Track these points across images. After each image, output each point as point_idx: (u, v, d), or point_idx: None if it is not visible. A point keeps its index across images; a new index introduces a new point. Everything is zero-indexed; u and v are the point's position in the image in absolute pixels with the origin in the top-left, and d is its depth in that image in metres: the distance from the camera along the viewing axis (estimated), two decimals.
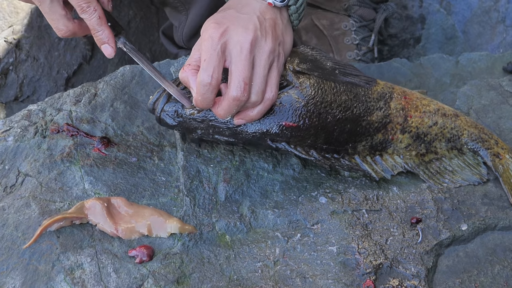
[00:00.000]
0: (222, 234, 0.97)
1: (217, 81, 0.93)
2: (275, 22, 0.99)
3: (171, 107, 1.02)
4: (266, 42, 0.96)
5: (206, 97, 0.94)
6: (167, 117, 1.02)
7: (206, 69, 0.92)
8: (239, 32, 0.94)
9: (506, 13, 1.67)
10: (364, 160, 1.05)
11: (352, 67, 1.07)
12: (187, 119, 1.01)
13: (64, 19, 1.02)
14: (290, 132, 1.01)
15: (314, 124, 1.01)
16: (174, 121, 1.02)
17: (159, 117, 1.02)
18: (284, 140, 1.02)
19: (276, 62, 0.98)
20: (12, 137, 1.08)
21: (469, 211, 1.01)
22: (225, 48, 0.93)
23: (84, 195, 1.01)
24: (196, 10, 1.33)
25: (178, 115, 1.01)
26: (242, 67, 0.93)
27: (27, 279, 0.91)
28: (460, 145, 1.08)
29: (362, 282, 0.92)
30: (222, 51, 0.93)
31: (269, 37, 0.96)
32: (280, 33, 0.99)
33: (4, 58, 1.66)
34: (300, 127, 1.01)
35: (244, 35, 0.94)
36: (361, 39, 1.58)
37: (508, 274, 0.95)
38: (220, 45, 0.93)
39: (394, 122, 1.06)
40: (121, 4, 1.74)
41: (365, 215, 1.00)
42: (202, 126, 1.01)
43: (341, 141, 1.04)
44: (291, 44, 1.03)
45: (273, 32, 0.97)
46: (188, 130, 1.03)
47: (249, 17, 0.96)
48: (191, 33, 1.38)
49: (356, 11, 1.58)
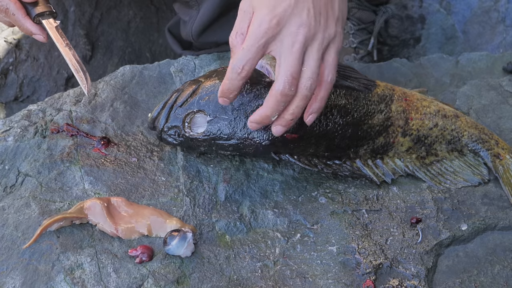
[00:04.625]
0: (222, 234, 0.97)
1: (247, 72, 0.89)
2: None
3: (170, 127, 1.01)
4: (321, 29, 0.89)
5: (233, 83, 0.90)
6: (168, 137, 1.02)
7: (241, 59, 0.88)
8: (292, 24, 0.88)
9: (506, 13, 1.67)
10: (365, 163, 1.05)
11: (353, 70, 1.06)
12: (188, 139, 1.01)
13: None
14: (292, 143, 1.00)
15: (315, 133, 1.01)
16: (176, 140, 1.02)
17: (161, 136, 1.03)
18: (287, 152, 1.01)
19: (334, 43, 0.91)
20: (12, 137, 1.08)
21: (469, 211, 1.01)
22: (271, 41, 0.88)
23: (84, 195, 1.01)
24: (207, 5, 1.32)
25: (179, 135, 1.01)
26: (292, 61, 0.88)
27: (27, 279, 0.91)
28: (461, 147, 1.08)
29: (362, 282, 0.92)
30: (265, 44, 0.88)
31: (325, 22, 0.90)
32: (336, 8, 0.91)
33: (4, 58, 1.66)
34: (302, 137, 1.00)
35: (297, 28, 0.88)
36: (359, 42, 1.58)
37: (508, 274, 0.95)
38: (267, 38, 0.88)
39: (395, 125, 1.05)
40: (121, 4, 1.74)
41: (365, 215, 1.00)
42: (205, 144, 1.01)
43: (342, 146, 1.03)
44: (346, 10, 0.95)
45: (328, 13, 0.90)
46: (191, 148, 1.03)
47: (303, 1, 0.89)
48: (202, 28, 1.36)
49: (355, 13, 1.58)
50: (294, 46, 0.87)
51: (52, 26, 1.05)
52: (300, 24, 0.88)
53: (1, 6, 1.03)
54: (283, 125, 0.91)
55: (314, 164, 1.02)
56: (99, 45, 1.73)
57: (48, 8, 1.05)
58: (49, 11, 1.05)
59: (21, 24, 1.04)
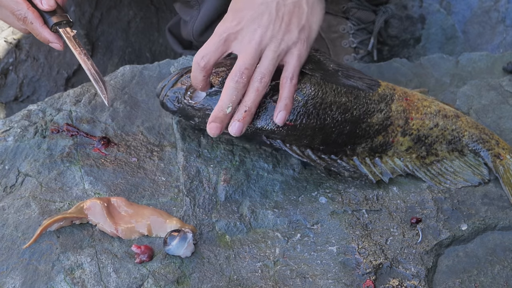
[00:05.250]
0: (222, 234, 0.97)
1: (207, 64, 0.95)
2: (299, 4, 0.97)
3: (173, 93, 1.04)
4: (280, 33, 0.95)
5: (195, 75, 0.97)
6: (168, 101, 1.04)
7: (201, 51, 0.96)
8: (251, 25, 0.95)
9: (506, 13, 1.67)
10: (363, 161, 1.05)
11: (356, 70, 1.07)
12: (186, 106, 1.03)
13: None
14: (286, 131, 1.01)
15: (312, 125, 1.01)
16: (175, 106, 1.04)
17: (162, 101, 1.05)
18: (280, 137, 1.02)
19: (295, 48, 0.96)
20: (12, 137, 1.08)
21: (469, 211, 1.01)
22: (232, 38, 0.95)
23: (84, 195, 1.01)
24: (208, 5, 1.32)
25: (178, 101, 1.03)
26: (247, 55, 0.94)
27: (27, 279, 0.91)
28: (461, 147, 1.08)
29: (362, 282, 0.92)
30: (226, 39, 0.95)
31: (286, 27, 0.96)
32: (302, 18, 0.97)
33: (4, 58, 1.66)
34: (297, 126, 1.01)
35: (255, 29, 0.95)
36: (359, 42, 1.58)
37: (508, 274, 0.95)
38: (227, 34, 0.95)
39: (395, 124, 1.05)
40: (121, 4, 1.74)
41: (365, 215, 1.00)
42: (200, 114, 1.02)
43: (339, 142, 1.03)
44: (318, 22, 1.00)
45: (291, 20, 0.96)
46: (187, 117, 1.05)
47: (266, 5, 0.96)
48: (203, 27, 1.37)
49: (355, 13, 1.58)
50: (250, 43, 0.94)
51: (70, 35, 1.07)
52: (258, 25, 0.95)
53: (20, 14, 1.05)
54: (238, 119, 0.95)
55: (307, 155, 1.03)
56: (99, 45, 1.73)
57: (65, 18, 1.07)
58: (66, 20, 1.07)
59: (39, 33, 1.06)
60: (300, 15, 0.97)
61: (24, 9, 1.05)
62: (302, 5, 0.98)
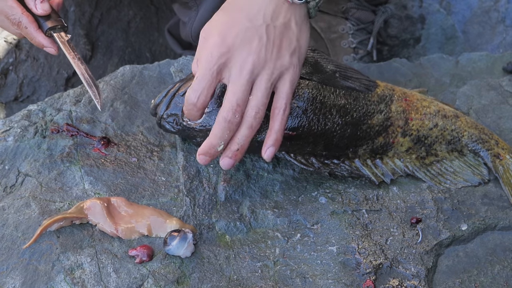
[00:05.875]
0: (222, 234, 0.97)
1: (203, 102, 0.90)
2: (288, 26, 0.90)
3: (169, 115, 1.02)
4: (272, 59, 0.88)
5: (191, 113, 0.92)
6: (166, 124, 1.03)
7: (195, 89, 0.89)
8: (242, 53, 0.88)
9: (506, 13, 1.67)
10: (364, 163, 1.05)
11: (354, 70, 1.07)
12: (185, 128, 1.01)
13: None
14: (289, 141, 1.00)
15: (313, 131, 1.01)
16: (174, 128, 1.03)
17: (160, 123, 1.03)
18: (284, 149, 1.01)
19: (288, 74, 0.90)
20: (12, 137, 1.08)
21: (469, 211, 1.01)
22: (223, 68, 0.88)
23: (84, 195, 1.01)
24: (206, 6, 1.32)
25: (177, 124, 1.02)
26: (238, 88, 0.88)
27: (27, 279, 0.91)
28: (461, 147, 1.08)
29: (362, 282, 0.92)
30: (217, 72, 0.88)
31: (277, 52, 0.89)
32: (293, 39, 0.90)
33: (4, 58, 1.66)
34: (299, 135, 1.00)
35: (246, 56, 0.88)
36: (358, 43, 1.58)
37: (508, 274, 0.95)
38: (218, 66, 0.88)
39: (395, 125, 1.05)
40: (121, 4, 1.74)
41: (365, 215, 1.00)
42: (201, 134, 1.01)
43: (341, 146, 1.03)
44: (307, 43, 0.93)
45: (282, 44, 0.89)
46: (188, 137, 1.04)
47: (256, 30, 0.89)
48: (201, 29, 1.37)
49: (354, 14, 1.58)
50: (241, 73, 0.87)
51: (64, 40, 1.07)
52: (249, 53, 0.87)
53: (14, 19, 1.05)
54: (230, 156, 0.90)
55: (311, 163, 1.02)
56: (99, 45, 1.73)
57: (60, 22, 1.07)
58: (60, 25, 1.07)
59: (33, 37, 1.06)
60: (291, 37, 0.90)
61: (19, 14, 1.04)
62: (291, 26, 0.91)
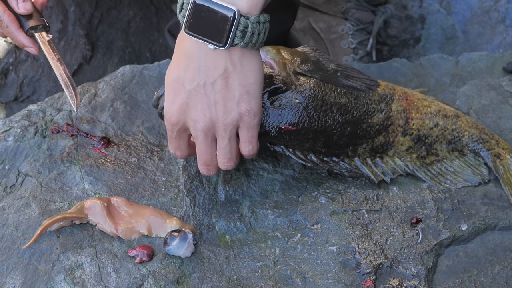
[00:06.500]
0: (222, 234, 0.97)
1: (183, 154, 0.95)
2: (227, 76, 0.87)
3: None
4: (219, 118, 0.89)
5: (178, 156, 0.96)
6: None
7: (171, 147, 0.95)
8: (191, 116, 0.89)
9: (506, 13, 1.67)
10: (364, 162, 1.05)
11: (355, 70, 1.07)
12: None
13: None
14: (288, 136, 1.00)
15: (313, 128, 1.01)
16: None
17: (160, 113, 1.03)
18: (283, 143, 1.01)
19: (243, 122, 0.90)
20: (12, 137, 1.09)
21: (469, 211, 1.01)
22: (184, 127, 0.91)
23: (84, 195, 1.01)
24: None
25: None
26: (201, 151, 0.92)
27: (27, 279, 0.91)
28: (461, 147, 1.08)
29: (362, 282, 0.92)
30: (182, 130, 0.92)
31: (223, 108, 0.88)
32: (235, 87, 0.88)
33: (4, 58, 1.66)
34: (299, 131, 1.00)
35: (193, 123, 0.89)
36: (358, 43, 1.58)
37: (508, 274, 0.95)
38: (177, 130, 0.92)
39: (395, 124, 1.05)
40: (121, 4, 1.74)
41: (365, 215, 1.00)
42: None
43: (341, 144, 1.03)
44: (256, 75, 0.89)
45: (226, 97, 0.88)
46: None
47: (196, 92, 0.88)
48: None
49: (353, 14, 1.58)
50: (197, 134, 0.90)
51: (45, 40, 1.06)
52: (195, 120, 0.89)
53: None
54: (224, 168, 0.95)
55: (310, 159, 1.02)
56: (99, 45, 1.73)
57: (42, 22, 1.06)
58: (42, 25, 1.06)
59: (14, 36, 1.05)
60: (232, 86, 0.88)
61: (0, 12, 1.04)
62: (230, 74, 0.87)
